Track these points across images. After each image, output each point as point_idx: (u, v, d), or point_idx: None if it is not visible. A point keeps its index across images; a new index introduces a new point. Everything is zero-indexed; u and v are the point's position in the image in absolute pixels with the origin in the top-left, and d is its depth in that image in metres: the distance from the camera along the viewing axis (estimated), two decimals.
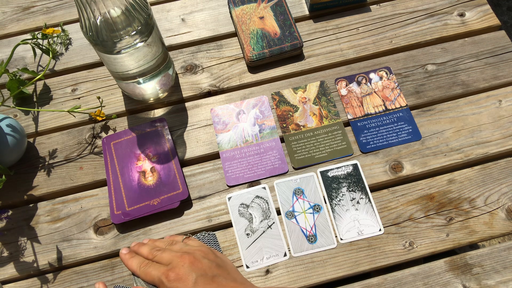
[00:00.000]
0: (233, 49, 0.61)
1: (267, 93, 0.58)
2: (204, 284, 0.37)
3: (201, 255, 0.41)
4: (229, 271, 0.41)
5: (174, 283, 0.38)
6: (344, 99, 0.56)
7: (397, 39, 0.61)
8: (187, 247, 0.43)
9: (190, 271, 0.38)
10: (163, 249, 0.43)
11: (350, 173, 0.51)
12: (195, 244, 0.44)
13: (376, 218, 0.48)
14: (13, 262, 0.48)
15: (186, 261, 0.39)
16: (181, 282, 0.38)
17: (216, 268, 0.40)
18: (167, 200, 0.49)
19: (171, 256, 0.41)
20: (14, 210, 0.51)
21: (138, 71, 0.50)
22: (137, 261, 0.43)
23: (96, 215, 0.50)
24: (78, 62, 0.61)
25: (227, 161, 0.53)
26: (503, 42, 0.60)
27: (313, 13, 0.64)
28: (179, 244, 0.44)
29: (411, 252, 0.47)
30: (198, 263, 0.39)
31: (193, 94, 0.58)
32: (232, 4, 0.62)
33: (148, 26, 0.46)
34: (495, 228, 0.48)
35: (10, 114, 0.57)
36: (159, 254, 0.42)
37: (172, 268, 0.39)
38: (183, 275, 0.38)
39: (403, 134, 0.53)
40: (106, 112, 0.57)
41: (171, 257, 0.41)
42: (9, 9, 0.67)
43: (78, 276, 0.47)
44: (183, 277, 0.38)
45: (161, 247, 0.43)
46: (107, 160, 0.53)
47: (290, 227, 0.48)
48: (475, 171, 0.51)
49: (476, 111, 0.55)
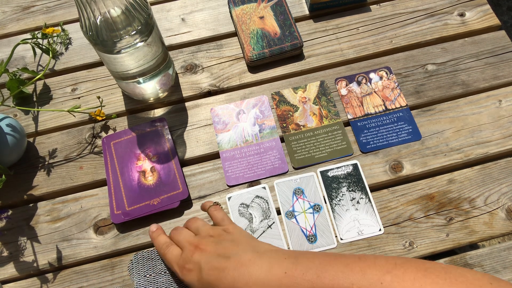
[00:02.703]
0: (233, 49, 0.61)
1: (267, 93, 0.58)
2: (209, 270, 0.38)
3: (210, 241, 0.41)
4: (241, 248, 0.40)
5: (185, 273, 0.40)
6: (344, 99, 0.56)
7: (397, 39, 0.61)
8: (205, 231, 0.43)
9: (197, 260, 0.39)
10: (180, 232, 0.44)
11: (350, 173, 0.51)
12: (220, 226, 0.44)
13: (376, 218, 0.48)
14: (13, 262, 0.48)
15: (194, 250, 0.40)
16: (190, 272, 0.39)
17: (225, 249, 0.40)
18: (167, 200, 0.49)
19: (183, 243, 0.42)
20: (14, 210, 0.51)
21: (138, 70, 0.50)
22: (159, 241, 0.44)
23: (96, 215, 0.50)
24: (78, 62, 0.61)
25: (227, 161, 0.53)
26: (503, 42, 0.60)
27: (313, 13, 0.64)
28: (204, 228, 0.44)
29: (411, 252, 0.47)
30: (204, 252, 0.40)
31: (193, 94, 0.58)
32: (232, 3, 0.62)
33: (148, 26, 0.46)
34: (495, 228, 0.48)
35: (10, 113, 0.57)
36: (176, 237, 0.43)
37: (183, 259, 0.40)
38: (192, 267, 0.39)
39: (403, 134, 0.53)
40: (106, 112, 0.57)
41: (183, 243, 0.42)
42: (9, 8, 0.67)
43: (78, 276, 0.47)
44: (193, 268, 0.39)
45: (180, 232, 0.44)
46: (107, 160, 0.53)
47: (290, 227, 0.48)
48: (475, 171, 0.51)
49: (476, 111, 0.55)
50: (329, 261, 0.36)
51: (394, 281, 0.32)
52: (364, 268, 0.34)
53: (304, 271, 0.35)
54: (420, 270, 0.32)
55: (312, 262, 0.36)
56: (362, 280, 0.33)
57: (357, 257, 0.36)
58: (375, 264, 0.34)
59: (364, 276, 0.33)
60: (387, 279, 0.32)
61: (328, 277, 0.34)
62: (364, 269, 0.34)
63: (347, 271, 0.34)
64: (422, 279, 0.31)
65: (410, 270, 0.33)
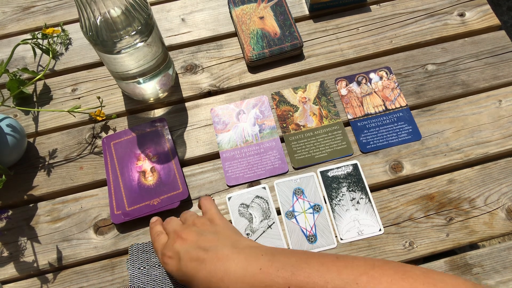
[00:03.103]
0: (233, 49, 0.61)
1: (267, 93, 0.58)
2: (187, 260, 0.39)
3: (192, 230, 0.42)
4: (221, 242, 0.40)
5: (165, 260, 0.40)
6: (344, 99, 0.56)
7: (397, 39, 0.61)
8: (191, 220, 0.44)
9: (178, 249, 0.40)
10: (170, 221, 0.44)
11: (350, 173, 0.51)
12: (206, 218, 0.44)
13: (376, 218, 0.48)
14: (13, 262, 0.48)
15: (176, 238, 0.41)
16: (170, 260, 0.40)
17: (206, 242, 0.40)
18: (167, 200, 0.49)
19: (170, 231, 0.43)
20: (14, 210, 0.51)
21: (138, 71, 0.50)
22: (153, 230, 0.45)
23: (96, 215, 0.50)
24: (78, 62, 0.62)
25: (227, 161, 0.53)
26: (503, 42, 0.60)
27: (313, 13, 0.64)
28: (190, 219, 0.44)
29: (411, 252, 0.47)
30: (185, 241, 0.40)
31: (193, 94, 0.58)
32: (232, 4, 0.62)
33: (148, 26, 0.46)
34: (495, 228, 0.48)
35: (10, 114, 0.57)
36: (166, 226, 0.44)
37: (166, 247, 0.41)
38: (172, 255, 0.40)
39: (403, 134, 0.53)
40: (106, 112, 0.57)
41: (170, 232, 0.43)
42: (9, 9, 0.67)
43: (78, 276, 0.47)
44: (172, 255, 0.40)
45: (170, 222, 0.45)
46: (107, 160, 0.53)
47: (290, 227, 0.48)
48: (475, 171, 0.51)
49: (476, 111, 0.55)
50: (306, 259, 0.36)
51: (370, 282, 0.31)
52: (341, 268, 0.34)
53: (279, 268, 0.35)
54: (398, 273, 0.32)
55: (288, 259, 0.36)
56: (337, 280, 0.33)
57: (335, 256, 0.36)
58: (352, 264, 0.34)
59: (339, 275, 0.33)
60: (363, 279, 0.32)
61: (303, 274, 0.34)
62: (340, 269, 0.33)
63: (323, 269, 0.34)
64: (400, 282, 0.31)
65: (388, 272, 0.32)
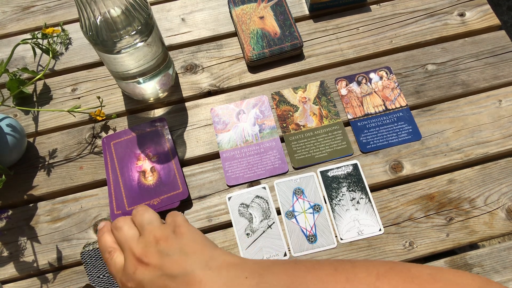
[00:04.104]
0: (233, 49, 0.61)
1: (267, 93, 0.58)
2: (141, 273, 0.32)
3: (154, 251, 0.34)
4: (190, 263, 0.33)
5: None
6: (344, 99, 0.56)
7: (397, 39, 0.61)
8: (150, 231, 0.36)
9: (140, 278, 0.33)
10: (121, 228, 0.37)
11: (350, 173, 0.51)
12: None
13: (376, 218, 0.48)
14: (13, 262, 0.48)
15: (137, 264, 0.34)
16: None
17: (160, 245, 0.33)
18: (167, 200, 0.49)
19: (126, 249, 0.35)
20: (14, 210, 0.51)
21: (138, 70, 0.50)
22: (103, 244, 0.38)
23: (96, 215, 0.50)
24: (78, 62, 0.61)
25: (227, 161, 0.53)
26: (503, 42, 0.60)
27: (313, 13, 0.64)
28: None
29: (411, 252, 0.47)
30: (148, 268, 0.33)
31: (193, 94, 0.58)
32: (232, 4, 0.62)
33: (148, 26, 0.46)
34: (495, 228, 0.48)
35: (10, 114, 0.57)
36: (118, 236, 0.37)
37: (125, 275, 0.34)
38: (134, 286, 0.33)
39: (403, 134, 0.53)
40: (106, 112, 0.57)
41: (126, 249, 0.35)
42: (9, 8, 0.67)
43: (78, 276, 0.47)
44: (135, 286, 0.33)
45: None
46: (107, 160, 0.53)
47: (290, 227, 0.48)
48: (475, 171, 0.51)
49: (476, 111, 0.55)
50: (301, 276, 0.31)
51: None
52: (343, 284, 0.29)
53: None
54: (406, 281, 0.29)
55: (279, 278, 0.31)
56: None
57: (333, 268, 0.31)
58: (354, 278, 0.30)
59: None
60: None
61: None
62: (343, 286, 0.29)
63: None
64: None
65: (395, 280, 0.29)
